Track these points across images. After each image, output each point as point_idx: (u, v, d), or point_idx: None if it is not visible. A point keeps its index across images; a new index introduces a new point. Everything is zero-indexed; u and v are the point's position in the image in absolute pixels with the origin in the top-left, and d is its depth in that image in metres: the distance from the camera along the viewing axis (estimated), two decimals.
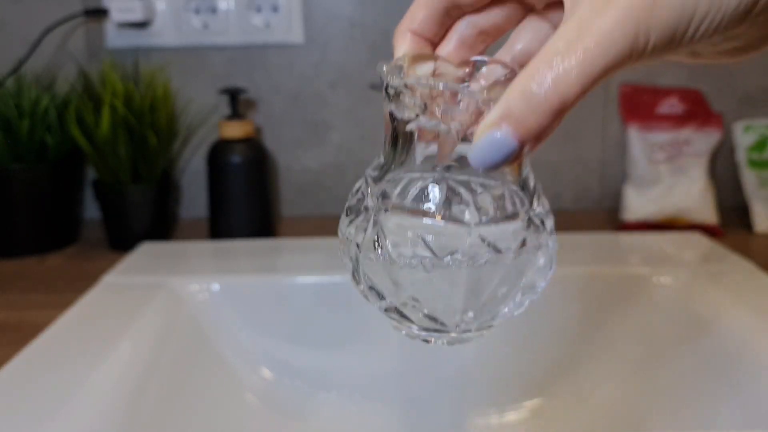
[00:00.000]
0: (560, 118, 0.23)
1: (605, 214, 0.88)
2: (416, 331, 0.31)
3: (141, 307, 0.55)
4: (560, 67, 0.23)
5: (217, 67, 0.86)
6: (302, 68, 0.86)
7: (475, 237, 0.28)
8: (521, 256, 0.29)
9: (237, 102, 0.78)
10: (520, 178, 0.30)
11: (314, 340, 0.62)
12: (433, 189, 0.28)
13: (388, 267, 0.29)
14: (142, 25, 0.84)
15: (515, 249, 0.29)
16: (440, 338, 0.31)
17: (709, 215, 0.79)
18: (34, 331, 0.52)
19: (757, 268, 0.62)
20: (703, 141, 0.82)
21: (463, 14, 0.31)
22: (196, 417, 0.54)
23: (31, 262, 0.74)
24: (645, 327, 0.60)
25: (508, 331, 0.61)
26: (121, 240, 0.76)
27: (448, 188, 0.28)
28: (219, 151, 0.77)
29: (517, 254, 0.29)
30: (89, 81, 0.77)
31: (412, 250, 0.28)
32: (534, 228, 0.30)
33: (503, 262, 0.28)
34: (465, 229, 0.28)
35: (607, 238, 0.73)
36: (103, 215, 0.77)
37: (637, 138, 0.83)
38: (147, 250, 0.70)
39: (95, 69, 0.81)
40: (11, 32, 0.85)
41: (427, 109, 0.27)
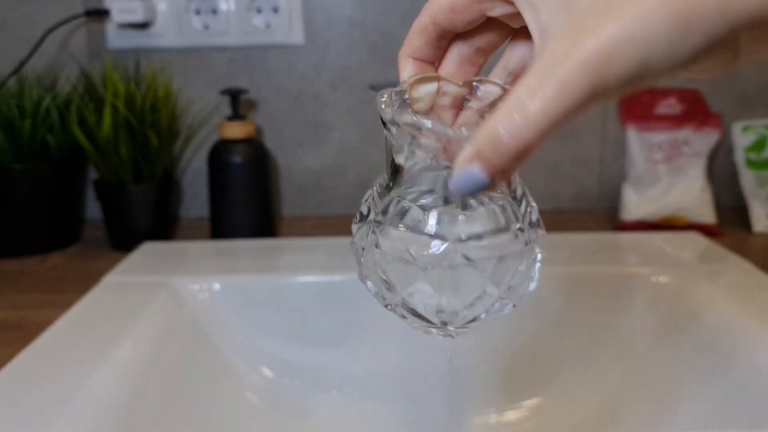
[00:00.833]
0: (525, 158, 0.26)
1: (604, 214, 0.88)
2: (415, 325, 0.34)
3: (142, 306, 0.56)
4: (523, 115, 0.25)
5: (218, 68, 0.87)
6: (303, 69, 0.87)
7: (456, 252, 0.31)
8: (500, 268, 0.31)
9: (238, 102, 0.78)
10: (511, 190, 0.33)
11: (314, 339, 0.63)
12: (430, 209, 0.31)
13: (381, 273, 0.32)
14: (143, 25, 0.84)
15: (493, 262, 0.31)
16: (437, 333, 0.35)
17: (708, 215, 0.79)
18: (36, 330, 0.52)
19: (755, 268, 0.62)
20: (701, 141, 0.83)
21: (458, 36, 0.33)
22: (197, 416, 0.54)
23: (33, 261, 0.74)
24: (643, 326, 0.60)
25: (507, 331, 0.62)
26: (123, 240, 0.76)
27: (446, 204, 0.31)
28: (220, 152, 0.77)
29: (493, 267, 0.31)
30: (91, 81, 0.77)
31: (400, 258, 0.32)
32: (517, 242, 0.32)
33: (481, 274, 0.31)
34: (447, 244, 0.31)
35: (606, 238, 0.73)
36: (105, 215, 0.78)
37: (636, 138, 0.84)
38: (148, 249, 0.71)
39: (97, 69, 0.82)
40: (13, 32, 0.85)
41: (414, 140, 0.30)
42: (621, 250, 0.69)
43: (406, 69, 0.33)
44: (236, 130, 0.77)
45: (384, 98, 0.31)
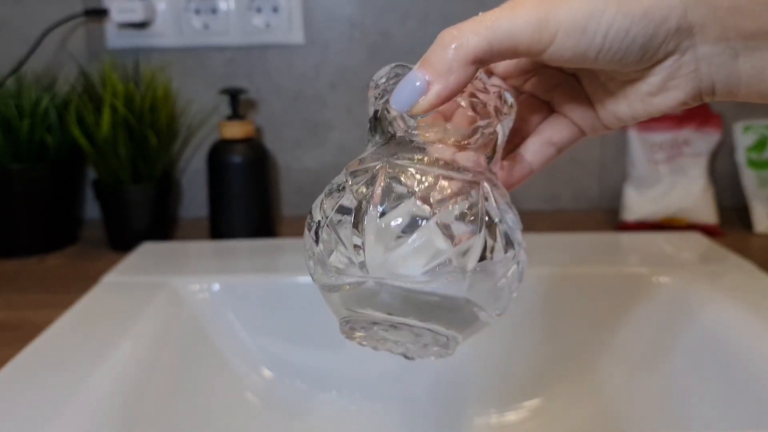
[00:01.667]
0: (464, 70, 0.28)
1: (605, 214, 0.88)
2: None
3: (141, 306, 0.56)
4: (472, 26, 0.28)
5: (218, 68, 0.86)
6: (302, 69, 0.87)
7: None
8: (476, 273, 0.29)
9: (237, 102, 0.78)
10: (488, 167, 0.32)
11: (314, 339, 0.62)
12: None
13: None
14: (142, 25, 0.84)
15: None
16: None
17: (709, 215, 0.79)
18: (35, 330, 0.52)
19: (756, 268, 0.62)
20: (702, 141, 0.82)
21: None
22: (196, 416, 0.54)
23: (32, 262, 0.74)
24: (644, 326, 0.60)
25: (507, 331, 0.62)
26: (122, 240, 0.76)
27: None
28: (219, 151, 0.77)
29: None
30: (89, 81, 0.77)
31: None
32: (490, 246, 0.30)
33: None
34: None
35: (607, 238, 0.73)
36: (104, 215, 0.77)
37: (637, 138, 0.83)
38: (147, 249, 0.70)
39: (95, 69, 0.81)
40: (12, 32, 0.85)
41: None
42: (622, 251, 0.69)
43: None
44: (236, 130, 0.77)
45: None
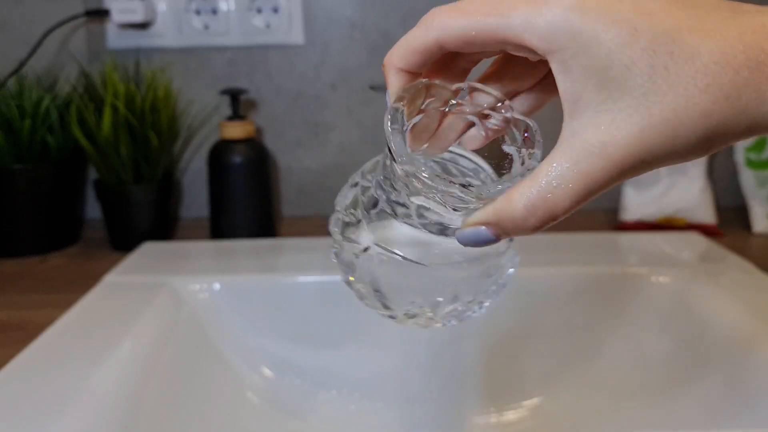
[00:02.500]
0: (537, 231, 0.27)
1: (604, 214, 0.88)
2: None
3: (142, 306, 0.56)
4: (550, 202, 0.25)
5: (218, 68, 0.87)
6: (302, 69, 0.87)
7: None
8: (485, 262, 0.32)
9: (238, 103, 0.78)
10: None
11: (315, 339, 0.63)
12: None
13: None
14: (143, 26, 0.84)
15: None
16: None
17: (708, 215, 0.79)
18: (36, 330, 0.52)
19: (755, 268, 0.62)
20: None
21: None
22: (197, 416, 0.54)
23: (33, 261, 0.74)
24: (643, 326, 0.60)
25: (507, 331, 0.62)
26: (123, 240, 0.76)
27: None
28: (220, 152, 0.77)
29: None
30: (90, 82, 0.77)
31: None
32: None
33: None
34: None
35: (606, 238, 0.73)
36: (105, 215, 0.78)
37: None
38: (148, 249, 0.71)
39: (96, 70, 0.82)
40: (13, 33, 0.85)
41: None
42: (621, 250, 0.69)
43: (395, 82, 0.32)
44: (236, 131, 0.77)
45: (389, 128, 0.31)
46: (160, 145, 0.76)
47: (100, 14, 0.82)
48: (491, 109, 0.31)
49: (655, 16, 0.24)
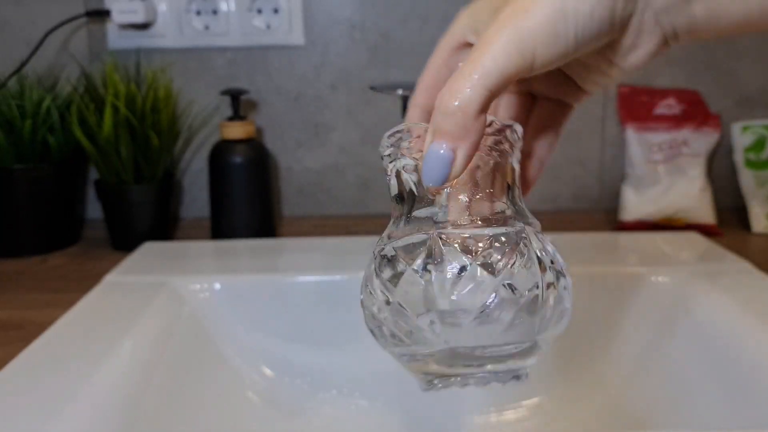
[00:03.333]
0: (478, 123, 0.28)
1: (604, 214, 0.88)
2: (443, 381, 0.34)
3: (143, 306, 0.56)
4: (465, 82, 0.28)
5: (219, 69, 0.87)
6: (303, 70, 0.87)
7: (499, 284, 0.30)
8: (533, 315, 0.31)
9: (238, 103, 0.78)
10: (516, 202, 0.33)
11: (315, 338, 0.63)
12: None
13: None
14: (143, 26, 0.85)
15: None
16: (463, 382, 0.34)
17: (707, 215, 0.80)
18: (37, 330, 0.52)
19: (754, 268, 0.62)
20: (701, 141, 0.83)
21: None
22: (197, 415, 0.54)
23: (34, 261, 0.74)
24: (642, 326, 0.60)
25: None
26: (124, 240, 0.76)
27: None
28: (220, 152, 0.77)
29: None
30: (91, 82, 0.77)
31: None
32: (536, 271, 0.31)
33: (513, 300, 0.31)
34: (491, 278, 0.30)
35: (606, 238, 0.73)
36: (106, 215, 0.78)
37: (636, 138, 0.84)
38: (149, 249, 0.71)
39: (97, 70, 0.82)
40: (14, 33, 0.85)
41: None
42: (620, 250, 0.69)
43: (413, 117, 0.36)
44: (237, 131, 0.77)
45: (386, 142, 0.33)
46: (161, 145, 0.76)
47: (100, 14, 0.82)
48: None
49: None
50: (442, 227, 0.31)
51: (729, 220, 0.83)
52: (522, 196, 0.35)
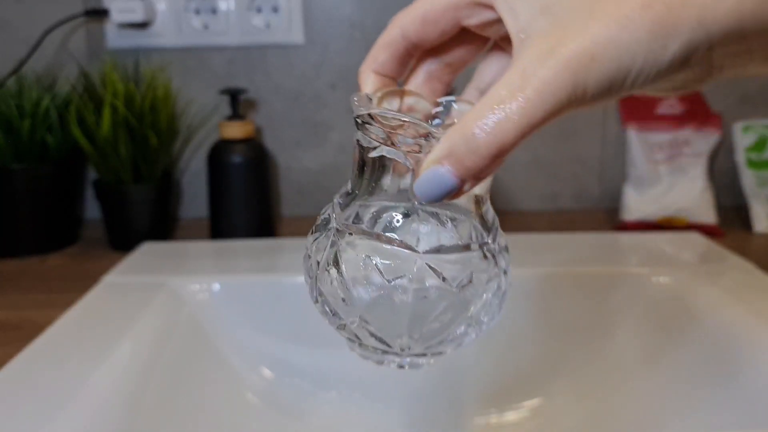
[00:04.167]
0: (499, 161, 0.25)
1: (604, 214, 0.88)
2: (368, 352, 0.33)
3: (142, 306, 0.56)
4: (502, 114, 0.24)
5: (218, 68, 0.87)
6: (302, 69, 0.87)
7: (423, 264, 0.29)
8: (468, 288, 0.30)
9: (237, 102, 0.78)
10: (480, 212, 0.31)
11: (314, 339, 0.62)
12: (397, 217, 0.29)
13: (341, 286, 0.30)
14: (142, 25, 0.84)
15: (462, 280, 0.29)
16: (391, 361, 0.33)
17: (709, 215, 0.79)
18: (36, 330, 0.52)
19: (755, 268, 0.62)
20: (702, 141, 0.83)
21: (426, 52, 0.32)
22: (196, 416, 0.54)
23: (33, 261, 0.74)
24: (643, 326, 0.60)
25: (507, 331, 0.62)
26: (122, 240, 0.76)
27: (416, 218, 0.29)
28: (219, 152, 0.77)
29: (463, 285, 0.29)
30: (90, 81, 0.77)
31: (364, 272, 0.29)
32: (486, 263, 0.30)
33: (449, 291, 0.29)
34: (415, 256, 0.29)
35: (606, 238, 0.73)
36: (104, 215, 0.77)
37: (637, 138, 0.84)
38: (148, 249, 0.71)
39: (96, 69, 0.82)
40: (12, 32, 0.85)
41: (389, 139, 0.28)
42: (621, 251, 0.69)
43: (368, 84, 0.32)
44: (236, 130, 0.77)
45: (356, 98, 0.30)
46: (160, 144, 0.76)
47: (99, 14, 0.82)
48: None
49: None
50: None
51: (730, 220, 0.83)
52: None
